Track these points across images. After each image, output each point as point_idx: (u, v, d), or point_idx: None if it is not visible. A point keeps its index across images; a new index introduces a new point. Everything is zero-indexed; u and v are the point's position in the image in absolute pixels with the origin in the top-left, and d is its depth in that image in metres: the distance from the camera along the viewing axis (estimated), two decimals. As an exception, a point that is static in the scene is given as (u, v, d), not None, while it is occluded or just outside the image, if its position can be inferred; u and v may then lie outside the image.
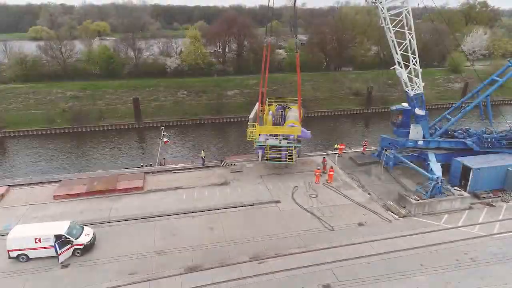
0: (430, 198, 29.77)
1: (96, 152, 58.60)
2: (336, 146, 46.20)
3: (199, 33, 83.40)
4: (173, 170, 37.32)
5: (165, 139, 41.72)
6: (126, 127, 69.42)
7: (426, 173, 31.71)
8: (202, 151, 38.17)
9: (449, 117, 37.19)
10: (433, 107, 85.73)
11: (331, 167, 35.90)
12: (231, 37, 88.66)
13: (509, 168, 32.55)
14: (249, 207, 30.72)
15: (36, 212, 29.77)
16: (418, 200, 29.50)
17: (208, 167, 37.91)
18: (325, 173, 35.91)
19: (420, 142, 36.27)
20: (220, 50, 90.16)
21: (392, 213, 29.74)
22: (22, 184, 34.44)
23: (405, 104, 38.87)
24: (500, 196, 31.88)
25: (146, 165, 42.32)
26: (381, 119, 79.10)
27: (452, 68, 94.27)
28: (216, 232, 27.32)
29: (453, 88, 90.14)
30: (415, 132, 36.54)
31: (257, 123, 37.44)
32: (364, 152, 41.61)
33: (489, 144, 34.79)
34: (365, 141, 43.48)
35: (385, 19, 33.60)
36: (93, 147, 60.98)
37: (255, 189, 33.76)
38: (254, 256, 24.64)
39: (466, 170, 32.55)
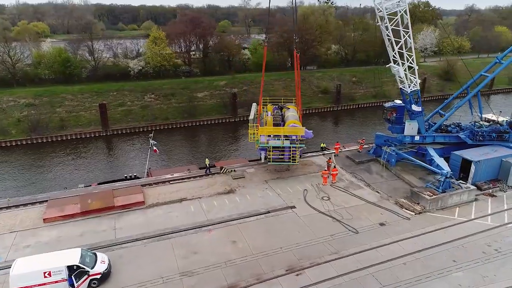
0: (442, 193, 30.37)
1: (62, 165, 53.31)
2: (322, 145, 46.24)
3: (163, 33, 79.46)
4: (170, 180, 34.72)
5: (154, 148, 38.75)
6: (93, 135, 64.28)
7: (434, 168, 32.40)
8: (207, 159, 35.97)
9: (442, 112, 38.44)
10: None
11: (334, 167, 35.54)
12: (195, 38, 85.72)
13: (503, 159, 34.26)
14: (265, 215, 29.30)
15: (27, 240, 25.97)
16: (432, 196, 29.94)
17: (208, 174, 35.77)
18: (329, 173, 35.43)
19: (417, 138, 37.07)
20: (184, 50, 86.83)
21: (407, 211, 29.90)
22: (0, 208, 30.02)
23: (398, 101, 39.67)
24: (498, 186, 33.44)
25: (131, 176, 39.19)
26: (350, 116, 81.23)
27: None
28: (240, 245, 25.61)
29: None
30: (410, 128, 37.27)
31: (258, 124, 36.28)
32: (360, 150, 41.80)
33: (480, 137, 36.38)
34: (362, 139, 43.72)
35: (382, 18, 33.90)
36: (58, 159, 55.49)
37: (264, 195, 32.38)
38: (289, 268, 23.38)
39: (466, 163, 33.76)
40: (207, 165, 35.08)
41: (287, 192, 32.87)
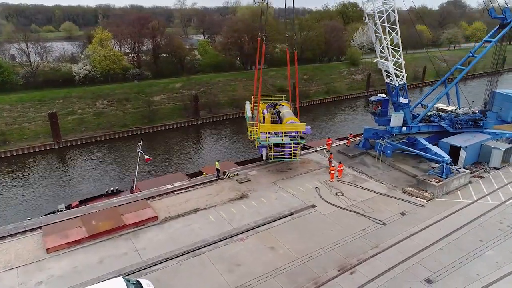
0: (446, 178, 32.36)
1: (15, 186, 46.63)
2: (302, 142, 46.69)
3: (110, 34, 73.51)
4: (174, 190, 32.13)
5: (146, 156, 35.55)
6: (43, 148, 57.28)
7: (432, 156, 34.41)
8: (217, 162, 33.86)
9: (424, 104, 41.03)
10: (345, 97, 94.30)
11: (340, 163, 35.94)
12: (144, 39, 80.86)
13: (482, 144, 37.65)
14: (290, 217, 28.52)
15: (35, 276, 21.97)
16: (438, 182, 31.72)
17: (211, 180, 33.84)
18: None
19: (404, 128, 39.10)
20: (132, 51, 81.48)
21: (418, 198, 31.31)
22: (-19, 243, 25.04)
23: (382, 95, 41.48)
24: (482, 168, 36.65)
25: (112, 191, 35.82)
26: (308, 112, 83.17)
27: (351, 62, 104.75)
28: (280, 251, 24.55)
29: (357, 79, 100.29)
30: (396, 119, 39.17)
31: (257, 121, 35.44)
32: (348, 145, 42.87)
33: (459, 125, 39.54)
34: (350, 134, 44.88)
35: (369, 15, 35.20)
36: (5, 179, 48.38)
37: (279, 197, 31.53)
38: (341, 268, 22.97)
39: (454, 149, 36.43)
40: (218, 168, 33.11)
41: (299, 191, 32.41)
